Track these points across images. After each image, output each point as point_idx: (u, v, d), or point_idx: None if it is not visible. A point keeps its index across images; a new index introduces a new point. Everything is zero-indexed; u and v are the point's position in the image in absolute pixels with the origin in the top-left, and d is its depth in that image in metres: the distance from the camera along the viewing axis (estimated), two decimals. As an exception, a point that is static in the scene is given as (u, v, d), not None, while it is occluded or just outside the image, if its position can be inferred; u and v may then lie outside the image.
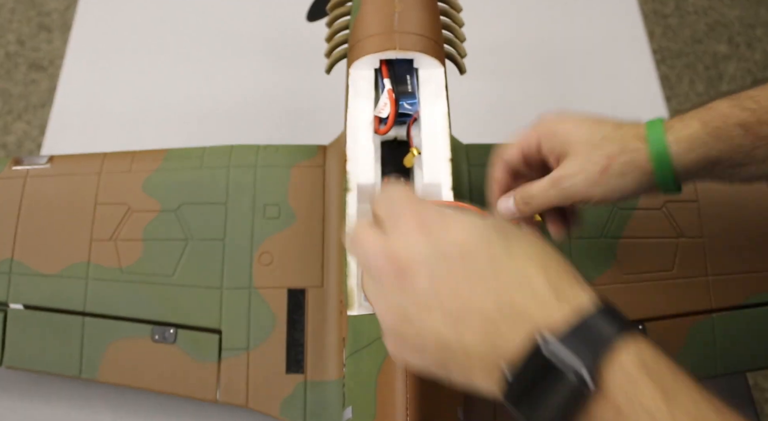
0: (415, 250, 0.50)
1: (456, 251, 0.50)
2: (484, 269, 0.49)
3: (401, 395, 0.69)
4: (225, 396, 0.87)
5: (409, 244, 0.51)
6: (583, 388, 0.44)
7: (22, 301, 0.90)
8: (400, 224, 0.52)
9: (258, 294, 0.89)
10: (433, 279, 0.49)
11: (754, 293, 0.92)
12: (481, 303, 0.48)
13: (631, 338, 0.45)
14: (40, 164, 0.96)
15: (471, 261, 0.49)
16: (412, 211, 0.52)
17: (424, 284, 0.49)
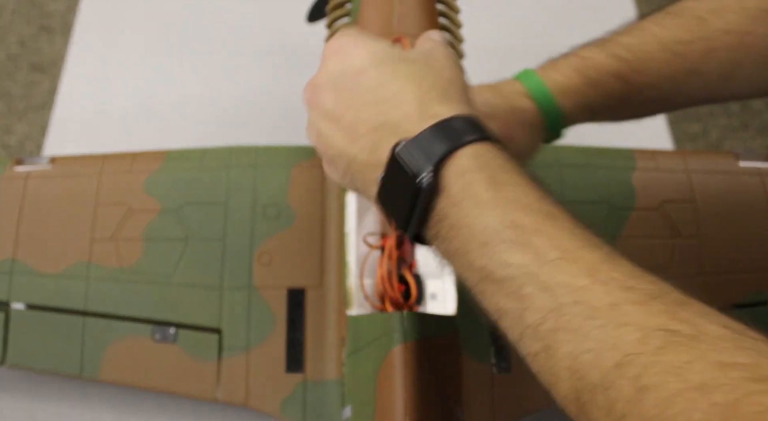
0: (326, 73, 0.59)
1: (353, 71, 0.57)
2: (372, 88, 0.56)
3: (400, 394, 0.70)
4: (225, 395, 0.87)
5: (325, 69, 0.59)
6: (422, 184, 0.50)
7: (23, 300, 0.90)
8: (324, 52, 0.61)
9: (258, 294, 0.90)
10: (336, 96, 0.57)
11: (750, 292, 0.92)
12: (367, 117, 0.55)
13: (479, 143, 0.51)
14: (42, 165, 0.97)
15: (363, 80, 0.56)
16: (336, 39, 0.60)
17: (328, 103, 0.57)
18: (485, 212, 0.49)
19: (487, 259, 0.48)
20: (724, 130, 2.28)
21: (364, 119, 0.55)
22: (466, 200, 0.50)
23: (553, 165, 0.95)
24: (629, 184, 0.95)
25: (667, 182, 0.95)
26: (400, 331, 0.73)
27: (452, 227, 0.50)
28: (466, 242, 0.49)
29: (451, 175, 0.50)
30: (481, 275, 0.48)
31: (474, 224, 0.49)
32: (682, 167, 0.97)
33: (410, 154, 0.51)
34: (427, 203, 0.51)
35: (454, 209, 0.50)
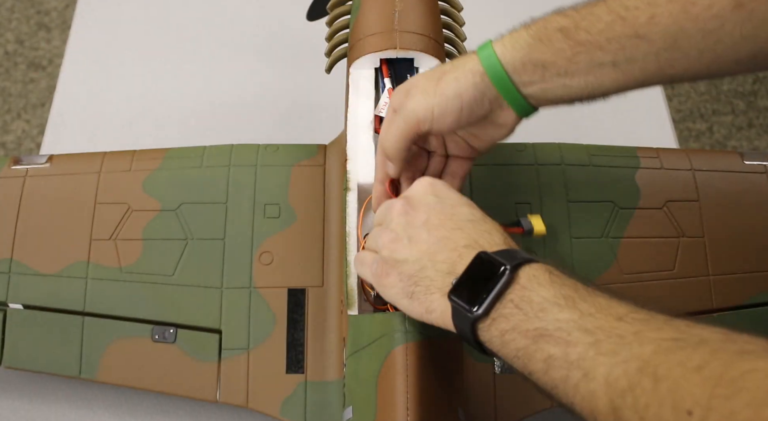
0: (422, 196, 0.71)
1: (450, 203, 0.70)
2: (465, 219, 0.69)
3: (402, 395, 0.69)
4: (225, 396, 0.87)
5: (419, 193, 0.72)
6: (505, 273, 0.62)
7: (21, 301, 0.90)
8: (416, 184, 0.73)
9: (258, 294, 0.89)
10: (429, 215, 0.69)
11: (755, 292, 0.91)
12: (456, 237, 0.67)
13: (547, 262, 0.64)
14: (40, 164, 0.96)
15: (458, 211, 0.70)
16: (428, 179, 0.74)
17: (422, 218, 0.69)
18: (544, 290, 0.61)
19: (541, 321, 0.59)
20: (729, 129, 2.28)
21: (454, 239, 0.67)
22: (531, 284, 0.62)
23: (557, 164, 0.95)
24: (633, 183, 0.94)
25: (671, 181, 0.95)
26: (401, 331, 0.72)
27: (516, 305, 0.61)
28: (526, 313, 0.60)
29: (523, 273, 0.62)
30: (535, 334, 0.59)
31: (534, 298, 0.61)
32: (687, 166, 0.96)
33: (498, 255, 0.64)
34: (502, 290, 0.62)
35: (521, 291, 0.61)
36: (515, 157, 0.96)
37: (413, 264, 0.68)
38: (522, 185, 0.94)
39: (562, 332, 0.58)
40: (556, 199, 0.93)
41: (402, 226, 0.70)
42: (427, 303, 0.66)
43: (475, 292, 0.63)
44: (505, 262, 0.63)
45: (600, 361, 0.55)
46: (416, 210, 0.70)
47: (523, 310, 0.61)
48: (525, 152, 0.96)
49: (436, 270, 0.66)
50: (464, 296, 0.63)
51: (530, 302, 0.61)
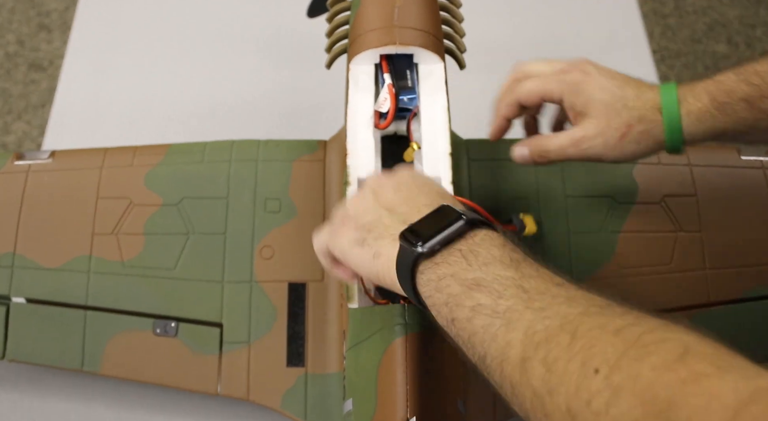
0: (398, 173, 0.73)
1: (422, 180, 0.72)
2: (434, 191, 0.70)
3: (402, 387, 0.70)
4: (226, 389, 0.87)
5: (397, 171, 0.73)
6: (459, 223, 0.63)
7: (24, 294, 0.90)
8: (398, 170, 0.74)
9: (259, 288, 0.90)
10: (398, 183, 0.70)
11: (752, 286, 0.92)
12: (420, 199, 0.68)
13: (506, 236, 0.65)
14: (42, 159, 0.97)
15: (427, 185, 0.71)
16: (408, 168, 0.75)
17: (391, 184, 0.70)
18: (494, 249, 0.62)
19: (482, 272, 0.60)
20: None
21: (417, 199, 0.68)
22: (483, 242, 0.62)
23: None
24: (631, 179, 0.95)
25: (668, 176, 0.96)
26: (401, 323, 0.73)
27: (463, 254, 0.62)
28: (470, 263, 0.61)
29: (479, 231, 0.63)
30: (472, 282, 0.60)
31: (482, 252, 0.61)
32: (684, 161, 0.97)
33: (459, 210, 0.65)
34: (454, 236, 0.63)
35: (470, 245, 0.62)
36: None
37: (372, 214, 0.69)
38: (520, 180, 0.95)
39: (498, 284, 0.59)
40: (555, 194, 0.94)
41: (370, 187, 0.71)
42: (375, 247, 0.67)
43: (424, 234, 0.63)
44: (464, 215, 0.64)
45: (526, 315, 0.56)
46: (390, 178, 0.72)
47: (467, 260, 0.61)
48: (524, 147, 0.96)
49: (393, 219, 0.67)
50: (413, 236, 0.64)
51: (477, 254, 0.61)
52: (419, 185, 0.70)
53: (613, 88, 0.79)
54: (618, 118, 0.79)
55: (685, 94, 0.78)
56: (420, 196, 0.69)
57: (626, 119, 0.79)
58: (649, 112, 0.78)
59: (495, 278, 0.59)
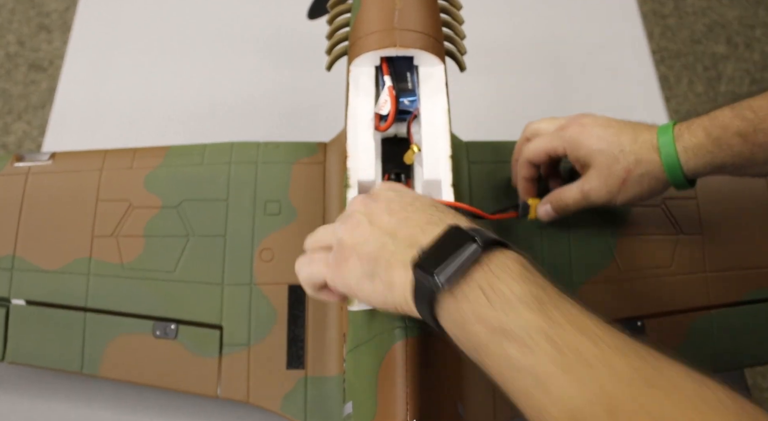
0: (383, 191, 0.70)
1: (411, 194, 0.70)
2: (428, 205, 0.68)
3: (401, 389, 0.70)
4: (226, 392, 0.87)
5: (380, 189, 0.71)
6: (477, 247, 0.60)
7: (24, 297, 0.90)
8: (376, 186, 0.73)
9: (259, 290, 0.90)
10: (389, 203, 0.68)
11: (752, 289, 0.92)
12: (418, 217, 0.66)
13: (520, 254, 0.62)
14: (42, 161, 0.97)
15: (419, 200, 0.68)
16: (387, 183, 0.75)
17: (382, 205, 0.68)
18: (516, 284, 0.58)
19: (507, 316, 0.57)
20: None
21: (416, 218, 0.66)
22: (503, 274, 0.59)
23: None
24: (631, 181, 0.95)
25: (668, 179, 0.95)
26: (401, 327, 0.73)
27: (483, 291, 0.59)
28: (492, 303, 0.58)
29: (495, 256, 0.60)
30: (498, 327, 0.57)
31: (504, 291, 0.58)
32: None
33: (471, 230, 0.62)
34: (469, 263, 0.60)
35: (490, 278, 0.59)
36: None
37: (374, 243, 0.65)
38: (521, 183, 0.95)
39: (525, 334, 0.56)
40: None
41: (361, 213, 0.68)
42: (387, 277, 0.64)
43: (440, 261, 0.60)
44: (476, 237, 0.61)
45: (560, 381, 0.54)
46: (376, 201, 0.69)
47: (488, 298, 0.58)
48: (524, 150, 0.96)
49: (398, 244, 0.64)
50: (427, 265, 0.61)
51: (499, 292, 0.58)
52: (410, 202, 0.68)
53: (609, 137, 0.83)
54: (617, 165, 0.82)
55: (681, 131, 0.81)
56: (416, 214, 0.66)
57: (624, 165, 0.82)
58: (646, 154, 0.82)
59: (521, 326, 0.56)
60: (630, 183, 0.83)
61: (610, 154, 0.82)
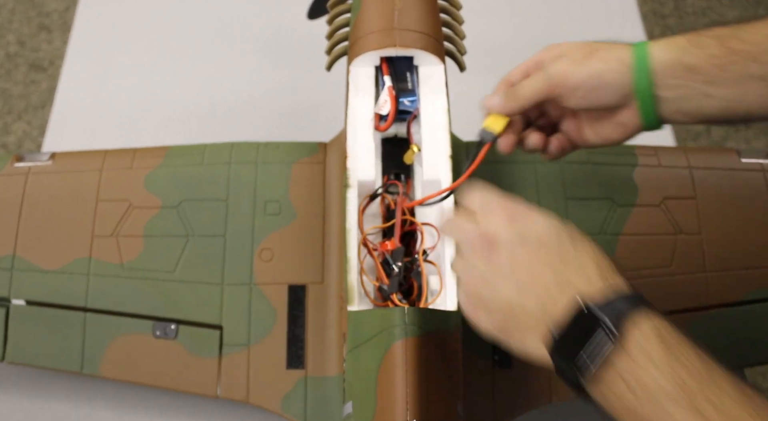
0: (503, 232, 0.66)
1: (534, 238, 0.65)
2: (554, 255, 0.64)
3: (401, 389, 0.70)
4: (226, 392, 0.87)
5: (499, 227, 0.66)
6: (610, 337, 0.57)
7: (24, 297, 0.90)
8: (492, 213, 0.68)
9: (259, 290, 0.90)
10: (513, 255, 0.65)
11: (752, 289, 0.92)
12: (546, 278, 0.62)
13: (653, 313, 0.58)
14: (42, 161, 0.97)
15: (545, 247, 0.64)
16: (503, 203, 0.68)
17: (505, 258, 0.65)
18: (658, 371, 0.55)
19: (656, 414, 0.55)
20: (726, 129, 2.28)
21: (543, 280, 0.63)
22: (643, 359, 0.56)
23: (556, 162, 0.95)
24: (631, 181, 0.95)
25: (668, 179, 0.96)
26: (401, 326, 0.73)
27: (627, 384, 0.56)
28: (640, 400, 0.56)
29: (632, 337, 0.57)
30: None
31: (647, 382, 0.55)
32: (684, 164, 0.97)
33: (600, 309, 0.58)
34: (608, 353, 0.57)
35: (631, 366, 0.56)
36: (514, 155, 0.96)
37: (502, 304, 0.64)
38: (520, 183, 0.95)
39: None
40: (555, 196, 0.94)
41: (484, 264, 0.66)
42: (522, 344, 0.64)
43: (576, 352, 0.58)
44: (608, 320, 0.57)
45: None
46: (498, 249, 0.66)
47: (633, 392, 0.56)
48: (523, 150, 0.96)
49: (528, 314, 0.62)
50: (564, 355, 0.59)
51: (643, 385, 0.55)
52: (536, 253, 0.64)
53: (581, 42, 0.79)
54: (586, 46, 0.77)
55: (658, 41, 0.76)
56: (544, 274, 0.63)
57: (595, 45, 0.77)
58: (618, 45, 0.77)
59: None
60: (595, 57, 0.76)
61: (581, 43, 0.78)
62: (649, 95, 0.75)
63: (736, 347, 0.92)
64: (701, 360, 0.56)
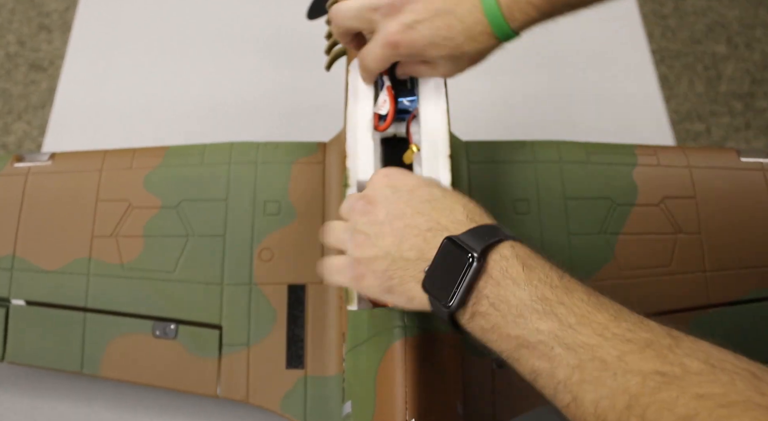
0: (379, 190, 0.71)
1: (406, 190, 0.70)
2: (424, 201, 0.68)
3: (400, 389, 0.70)
4: (225, 391, 0.87)
5: (376, 187, 0.72)
6: (473, 262, 0.61)
7: (23, 297, 0.90)
8: (372, 179, 0.74)
9: (258, 290, 0.90)
10: (387, 207, 0.69)
11: (751, 288, 0.92)
12: (418, 222, 0.67)
13: (515, 242, 0.63)
14: (42, 161, 0.97)
15: (415, 195, 0.69)
16: (381, 170, 0.74)
17: (382, 213, 0.69)
18: (520, 289, 0.60)
19: (521, 328, 0.59)
20: (726, 130, 2.29)
21: (416, 224, 0.67)
22: (505, 280, 0.60)
23: (556, 161, 0.95)
24: (630, 180, 0.95)
25: (668, 178, 0.95)
26: (400, 326, 0.73)
27: (492, 304, 0.60)
28: (504, 315, 0.60)
29: (493, 261, 0.62)
30: (517, 342, 0.59)
31: (511, 300, 0.60)
32: (684, 163, 0.97)
33: (464, 240, 0.63)
34: (473, 280, 0.61)
35: (495, 288, 0.61)
36: (514, 155, 0.96)
37: (383, 260, 0.68)
38: (520, 182, 0.95)
39: (543, 345, 0.58)
40: (554, 196, 0.94)
41: (365, 225, 0.70)
42: (406, 292, 0.67)
43: (447, 283, 0.62)
44: (471, 248, 0.62)
45: (586, 388, 0.55)
46: (375, 206, 0.70)
47: (500, 311, 0.60)
48: (523, 150, 0.97)
49: (406, 259, 0.66)
50: (436, 288, 0.63)
51: (507, 302, 0.60)
52: (407, 202, 0.69)
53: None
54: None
55: None
56: (416, 219, 0.68)
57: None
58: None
59: (537, 338, 0.58)
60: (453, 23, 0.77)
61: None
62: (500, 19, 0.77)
63: (736, 346, 0.91)
64: (558, 276, 0.61)
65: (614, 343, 0.55)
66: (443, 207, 0.68)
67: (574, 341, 0.56)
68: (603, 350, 0.55)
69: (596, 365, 0.55)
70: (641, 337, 0.55)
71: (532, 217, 0.93)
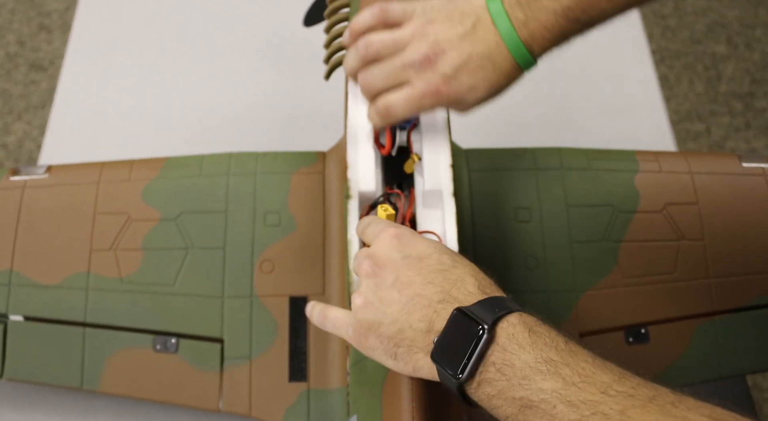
0: (387, 253, 0.69)
1: (416, 257, 0.68)
2: (435, 272, 0.67)
3: (407, 403, 0.70)
4: (228, 406, 0.87)
5: (385, 250, 0.70)
6: (485, 335, 0.61)
7: (22, 312, 0.90)
8: (380, 238, 0.72)
9: (260, 302, 0.89)
10: (397, 274, 0.68)
11: (755, 295, 0.92)
12: (428, 293, 0.66)
13: (524, 312, 0.63)
14: (38, 174, 0.96)
15: (426, 263, 0.68)
16: (390, 230, 0.72)
17: (390, 278, 0.68)
18: (525, 353, 0.60)
19: (525, 389, 0.59)
20: (726, 130, 2.28)
21: (426, 295, 0.66)
22: (512, 345, 0.60)
23: (557, 168, 0.95)
24: (632, 187, 0.94)
25: (670, 184, 0.95)
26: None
27: (498, 369, 0.60)
28: (509, 379, 0.60)
29: (501, 329, 0.61)
30: (520, 404, 0.59)
31: (516, 363, 0.60)
32: (685, 169, 0.96)
33: (475, 312, 0.63)
34: (483, 351, 0.61)
35: (502, 353, 0.60)
36: (515, 162, 0.96)
37: (390, 326, 0.67)
38: (522, 190, 0.94)
39: (546, 404, 0.58)
40: (556, 203, 0.93)
41: (371, 288, 0.69)
42: (412, 362, 0.66)
43: (457, 354, 0.62)
44: (482, 319, 0.62)
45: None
46: (383, 270, 0.69)
47: (505, 375, 0.60)
48: (524, 157, 0.96)
49: (415, 330, 0.65)
50: (446, 359, 0.63)
51: (512, 366, 0.60)
52: (418, 271, 0.68)
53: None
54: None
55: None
56: (426, 289, 0.66)
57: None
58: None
59: (541, 397, 0.58)
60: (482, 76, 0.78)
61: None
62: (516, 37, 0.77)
63: (739, 353, 0.91)
64: (564, 340, 0.61)
65: (618, 399, 0.56)
66: (454, 278, 0.67)
67: (576, 398, 0.57)
68: (605, 405, 0.56)
69: (598, 420, 0.55)
70: (645, 393, 0.56)
71: (534, 225, 0.92)
